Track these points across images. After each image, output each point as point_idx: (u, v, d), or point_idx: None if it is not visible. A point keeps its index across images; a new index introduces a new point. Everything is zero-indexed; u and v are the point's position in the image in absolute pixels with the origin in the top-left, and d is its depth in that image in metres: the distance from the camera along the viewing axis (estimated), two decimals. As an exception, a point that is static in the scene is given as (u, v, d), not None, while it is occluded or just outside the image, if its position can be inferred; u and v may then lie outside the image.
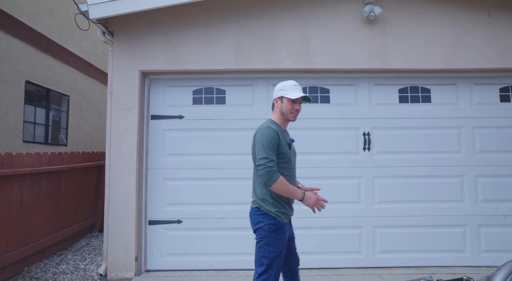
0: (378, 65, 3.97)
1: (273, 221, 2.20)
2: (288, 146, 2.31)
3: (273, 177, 2.12)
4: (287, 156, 2.28)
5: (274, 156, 2.18)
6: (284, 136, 2.32)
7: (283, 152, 2.25)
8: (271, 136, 2.19)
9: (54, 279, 3.67)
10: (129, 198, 3.82)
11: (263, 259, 2.17)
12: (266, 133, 2.20)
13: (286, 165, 2.28)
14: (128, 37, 3.99)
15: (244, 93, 4.11)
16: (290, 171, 2.31)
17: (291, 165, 2.33)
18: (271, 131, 2.21)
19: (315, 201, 2.23)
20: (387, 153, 4.07)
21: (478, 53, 3.99)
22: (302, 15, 3.99)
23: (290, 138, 2.39)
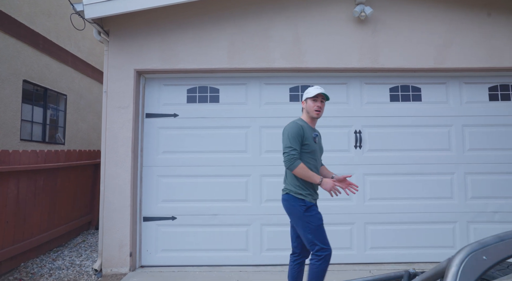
0: (369, 65, 4.04)
1: (303, 203, 2.58)
2: (313, 139, 2.68)
3: (295, 162, 2.53)
4: (311, 147, 2.65)
5: (298, 146, 2.58)
6: (310, 131, 2.69)
7: (307, 143, 2.64)
8: (296, 129, 2.60)
9: (50, 275, 3.74)
10: (124, 195, 3.88)
11: (308, 235, 2.54)
12: (292, 127, 2.63)
13: (310, 155, 2.66)
14: (123, 36, 4.06)
15: (238, 92, 4.18)
16: (313, 160, 2.68)
17: (315, 155, 2.69)
18: (297, 126, 2.63)
19: (332, 186, 2.55)
20: (378, 151, 4.14)
21: (468, 53, 4.07)
22: (295, 15, 4.06)
23: (315, 133, 2.75)
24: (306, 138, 2.64)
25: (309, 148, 2.65)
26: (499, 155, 4.13)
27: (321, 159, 2.85)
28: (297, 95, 4.18)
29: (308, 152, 2.65)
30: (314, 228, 2.53)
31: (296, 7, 4.06)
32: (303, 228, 2.56)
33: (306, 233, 2.55)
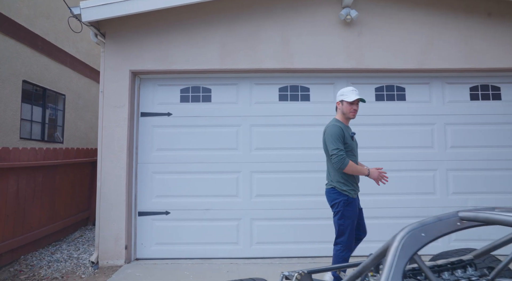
0: (355, 65, 4.21)
1: (346, 197, 2.86)
2: (350, 138, 2.97)
3: (345, 162, 2.81)
4: (350, 146, 2.95)
5: (342, 146, 2.86)
6: (347, 131, 2.98)
7: (347, 142, 2.93)
8: (338, 131, 2.87)
9: (49, 267, 3.90)
10: (120, 191, 4.05)
11: (340, 227, 2.85)
12: (334, 129, 2.89)
13: (350, 152, 2.95)
14: (119, 38, 4.23)
15: (229, 92, 4.35)
16: (353, 157, 2.97)
17: (353, 152, 3.00)
18: (337, 128, 2.90)
19: (378, 174, 2.86)
20: (364, 148, 4.29)
21: (449, 54, 4.24)
22: (284, 18, 4.23)
23: (352, 132, 3.06)
24: (346, 138, 2.94)
25: (349, 147, 2.95)
26: (479, 152, 4.30)
27: None
28: (286, 95, 4.35)
29: (348, 150, 2.95)
30: (348, 224, 2.86)
31: (284, 10, 4.24)
32: (339, 218, 2.88)
33: (340, 225, 2.87)
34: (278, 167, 4.26)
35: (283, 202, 4.23)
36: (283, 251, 4.16)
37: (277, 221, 4.22)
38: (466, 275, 1.56)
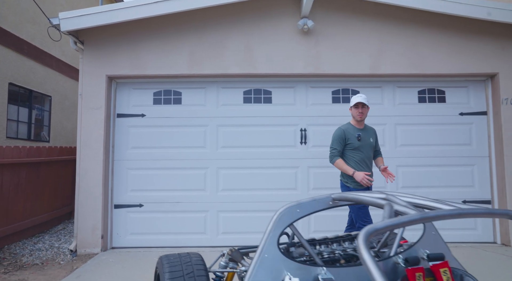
0: (312, 71, 4.63)
1: (346, 188, 3.41)
2: (356, 138, 3.38)
3: (333, 158, 3.41)
4: (353, 145, 3.38)
5: (338, 146, 3.40)
6: (353, 132, 3.42)
7: (350, 142, 3.38)
8: (338, 133, 3.43)
9: (31, 255, 4.28)
10: (97, 185, 4.43)
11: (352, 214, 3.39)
12: (336, 131, 3.47)
13: (353, 151, 3.40)
14: (96, 46, 4.60)
15: (198, 95, 4.75)
16: (359, 154, 3.40)
17: (360, 151, 3.40)
18: (339, 130, 3.45)
19: (362, 177, 3.20)
20: (321, 146, 4.73)
21: (398, 61, 4.67)
22: (248, 27, 4.63)
23: (358, 133, 3.42)
24: (348, 139, 3.39)
25: (352, 146, 3.38)
26: (425, 150, 4.75)
27: (374, 151, 3.58)
28: (250, 98, 4.76)
29: (351, 148, 3.39)
30: (356, 210, 3.29)
31: (248, 20, 4.64)
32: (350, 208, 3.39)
33: (352, 213, 3.38)
34: (243, 163, 4.67)
35: (247, 195, 4.64)
36: (246, 240, 4.56)
37: (241, 213, 4.63)
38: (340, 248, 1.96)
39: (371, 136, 3.52)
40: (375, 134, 3.63)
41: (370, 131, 3.55)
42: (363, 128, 3.50)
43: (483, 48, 4.70)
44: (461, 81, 4.88)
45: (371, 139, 3.51)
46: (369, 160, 3.49)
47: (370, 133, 3.53)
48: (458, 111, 4.84)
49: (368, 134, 3.50)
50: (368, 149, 3.46)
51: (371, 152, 3.51)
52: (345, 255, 1.94)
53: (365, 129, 3.51)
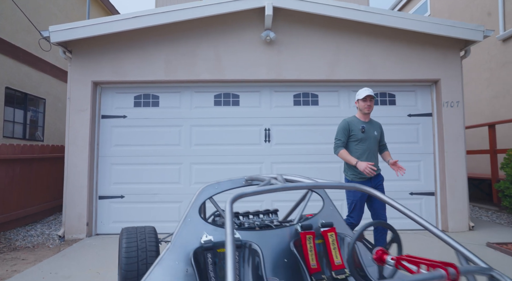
0: (275, 77, 5.21)
1: (347, 181, 3.48)
2: (360, 130, 3.44)
3: (337, 149, 3.46)
4: (357, 137, 3.43)
5: (343, 137, 3.45)
6: (358, 124, 3.47)
7: (353, 134, 3.44)
8: (342, 125, 3.51)
9: (23, 240, 4.84)
10: (82, 178, 5.00)
11: (348, 203, 3.44)
12: (340, 123, 3.54)
13: (356, 143, 3.45)
14: (83, 55, 5.17)
15: (173, 98, 5.33)
16: (361, 146, 3.44)
17: (363, 143, 3.44)
18: (343, 122, 3.52)
19: (365, 167, 3.21)
20: (283, 144, 5.31)
21: (353, 68, 5.25)
22: (217, 38, 5.21)
23: (362, 125, 3.48)
24: (352, 130, 3.43)
25: (355, 137, 3.43)
26: (376, 147, 5.31)
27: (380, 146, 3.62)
28: (220, 101, 5.34)
29: (354, 140, 3.44)
30: (351, 202, 3.40)
31: (217, 32, 5.22)
32: (347, 198, 3.45)
33: (348, 202, 3.44)
34: (214, 159, 5.24)
35: (217, 187, 5.20)
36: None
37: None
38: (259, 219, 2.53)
39: (376, 130, 3.54)
40: (381, 128, 3.64)
41: (375, 125, 3.57)
42: (368, 122, 3.53)
43: (428, 57, 5.29)
44: (410, 86, 5.46)
45: (375, 133, 3.52)
46: (373, 152, 3.50)
47: (375, 127, 3.55)
48: (407, 113, 5.42)
49: (373, 127, 3.52)
50: (372, 141, 3.47)
51: (375, 145, 3.52)
52: (260, 224, 2.52)
53: (370, 122, 3.54)
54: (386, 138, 5.43)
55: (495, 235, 4.77)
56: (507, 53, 7.38)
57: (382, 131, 3.64)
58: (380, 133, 3.61)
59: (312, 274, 2.21)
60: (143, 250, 2.48)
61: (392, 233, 1.89)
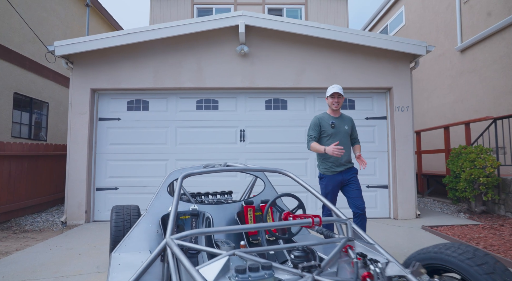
0: (249, 85, 6.02)
1: (319, 174, 3.68)
2: (330, 125, 3.58)
3: (309, 143, 3.60)
4: (328, 132, 3.57)
5: (314, 133, 3.59)
6: (327, 120, 3.62)
7: (324, 129, 3.58)
8: (313, 121, 3.66)
9: (31, 225, 5.63)
10: (82, 172, 5.80)
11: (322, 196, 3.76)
12: (312, 120, 3.69)
13: (328, 138, 3.58)
14: (83, 65, 5.99)
15: (161, 103, 6.14)
16: (332, 141, 3.54)
17: (333, 137, 3.57)
18: (314, 118, 3.67)
19: (332, 150, 3.30)
20: (256, 143, 6.12)
21: (316, 77, 6.07)
22: (199, 52, 6.03)
23: (332, 121, 3.61)
24: (323, 126, 3.57)
25: (326, 133, 3.56)
26: (336, 145, 6.12)
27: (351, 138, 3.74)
28: (202, 105, 6.15)
29: (325, 136, 3.56)
30: (324, 194, 3.58)
31: (199, 46, 6.04)
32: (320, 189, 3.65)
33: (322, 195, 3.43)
34: (195, 156, 6.05)
35: (199, 180, 6.00)
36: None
37: (194, 194, 5.99)
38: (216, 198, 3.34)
39: (346, 124, 3.66)
40: (352, 123, 3.76)
41: (346, 120, 3.70)
42: (339, 117, 3.67)
43: (382, 68, 6.11)
44: (367, 93, 6.28)
45: (346, 127, 3.64)
46: (345, 146, 3.61)
47: (345, 122, 3.67)
48: (364, 116, 6.23)
49: (343, 122, 3.65)
50: (343, 135, 3.60)
51: (346, 139, 3.64)
52: (216, 202, 3.34)
53: (340, 117, 3.68)
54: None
55: (434, 220, 5.58)
56: (464, 63, 8.21)
57: (353, 125, 3.78)
58: (351, 127, 3.74)
59: (250, 235, 3.02)
60: (128, 220, 3.28)
61: (298, 202, 2.70)
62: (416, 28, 10.42)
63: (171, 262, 1.81)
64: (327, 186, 3.57)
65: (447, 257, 1.84)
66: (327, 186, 3.56)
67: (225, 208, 3.17)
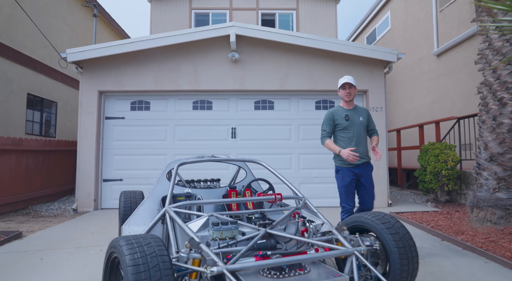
0: (239, 88, 6.74)
1: (335, 167, 3.62)
2: (343, 118, 3.50)
3: (323, 140, 3.57)
4: (342, 125, 3.51)
5: (327, 128, 3.54)
6: (341, 112, 3.55)
7: (338, 123, 3.51)
8: (326, 115, 3.59)
9: (46, 211, 6.37)
10: (90, 166, 6.53)
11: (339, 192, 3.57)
12: (325, 114, 3.63)
13: (342, 131, 3.52)
14: (91, 70, 6.70)
15: (161, 104, 6.86)
16: (347, 134, 3.51)
17: (347, 130, 3.50)
18: (328, 112, 3.60)
19: (347, 155, 3.26)
20: (246, 140, 6.84)
21: (300, 81, 6.79)
22: (195, 57, 6.75)
23: (346, 113, 3.54)
24: (337, 119, 3.50)
25: (340, 126, 3.49)
26: (319, 142, 6.86)
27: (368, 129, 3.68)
28: (197, 106, 6.87)
29: (340, 129, 3.50)
30: (340, 187, 3.52)
31: (195, 53, 6.76)
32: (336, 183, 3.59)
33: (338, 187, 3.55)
34: (192, 151, 6.78)
35: (195, 173, 6.74)
36: (193, 203, 6.67)
37: (190, 185, 6.73)
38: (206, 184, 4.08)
39: (361, 116, 3.57)
40: (367, 114, 3.67)
41: (361, 111, 3.61)
42: (353, 109, 3.58)
43: (359, 72, 6.82)
44: (346, 95, 6.99)
45: (361, 118, 3.55)
46: (361, 138, 3.53)
47: (360, 113, 3.58)
48: (343, 116, 6.95)
49: (358, 114, 3.56)
50: (358, 127, 3.51)
51: (362, 131, 3.55)
52: (206, 187, 4.07)
53: (354, 109, 3.59)
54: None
55: (402, 208, 6.32)
56: (440, 67, 8.93)
57: (369, 116, 3.69)
58: (367, 118, 3.65)
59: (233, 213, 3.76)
60: (134, 202, 4.01)
61: (268, 185, 3.44)
62: (400, 33, 11.11)
63: (168, 223, 2.55)
64: (344, 179, 3.49)
65: (364, 220, 2.58)
66: (344, 178, 3.49)
67: (213, 191, 3.90)
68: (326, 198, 6.63)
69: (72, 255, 3.69)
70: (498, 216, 4.16)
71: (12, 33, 7.87)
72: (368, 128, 3.70)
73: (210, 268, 1.80)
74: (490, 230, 4.15)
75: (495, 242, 3.74)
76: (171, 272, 1.71)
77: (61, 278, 3.03)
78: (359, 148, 3.48)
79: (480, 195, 4.39)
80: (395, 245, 2.35)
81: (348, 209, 3.45)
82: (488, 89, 4.46)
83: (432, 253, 3.65)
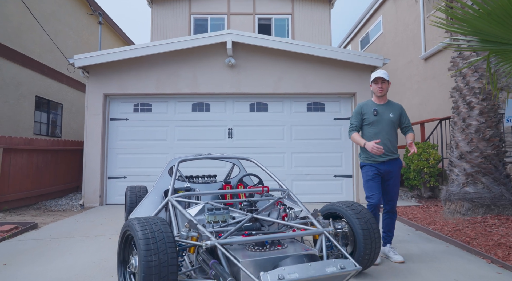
0: (236, 91, 7.20)
1: (360, 162, 3.58)
2: (372, 113, 3.45)
3: (350, 133, 3.54)
4: (369, 120, 3.45)
5: (355, 121, 3.51)
6: (371, 107, 3.50)
7: (366, 117, 3.47)
8: (356, 109, 3.58)
9: (55, 206, 6.83)
10: (96, 164, 6.99)
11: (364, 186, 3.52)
12: (355, 108, 3.72)
13: (369, 125, 3.47)
14: (97, 74, 7.16)
15: (162, 106, 7.32)
16: (374, 129, 3.44)
17: (375, 125, 3.44)
18: (358, 106, 3.57)
19: (371, 147, 3.21)
20: (242, 140, 7.30)
21: (293, 84, 7.25)
22: (194, 62, 7.21)
23: (375, 108, 3.48)
24: (365, 114, 3.46)
25: (367, 120, 3.44)
26: (311, 142, 7.32)
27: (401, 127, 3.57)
28: (196, 108, 7.34)
29: (367, 123, 3.46)
30: (365, 181, 3.47)
31: (194, 58, 7.22)
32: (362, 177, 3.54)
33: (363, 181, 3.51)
34: (191, 150, 7.23)
35: (194, 171, 7.19)
36: (192, 199, 7.13)
37: (190, 182, 7.19)
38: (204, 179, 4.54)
39: (392, 112, 3.47)
40: (400, 111, 3.55)
41: (393, 107, 3.51)
42: (384, 104, 3.50)
43: (348, 76, 7.28)
44: (335, 97, 7.46)
45: (391, 115, 3.45)
46: (388, 135, 3.43)
47: (391, 109, 3.48)
48: (333, 117, 7.41)
49: (389, 109, 3.47)
50: (387, 123, 3.42)
51: (390, 128, 3.44)
52: (204, 182, 4.54)
53: (386, 105, 3.50)
54: (319, 136, 7.51)
55: (387, 203, 6.77)
56: (427, 70, 9.40)
57: (402, 113, 3.56)
58: (399, 115, 3.53)
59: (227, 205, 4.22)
60: (139, 196, 4.47)
61: (258, 179, 3.90)
62: (392, 37, 11.58)
63: (171, 210, 3.01)
64: (367, 173, 3.44)
65: (337, 207, 3.05)
66: (367, 172, 3.44)
67: (210, 185, 4.35)
68: (317, 194, 7.09)
69: (85, 242, 4.16)
70: (466, 208, 4.63)
71: (21, 39, 8.34)
72: (402, 126, 3.59)
73: (205, 241, 2.27)
74: (459, 221, 4.61)
75: (460, 230, 4.20)
76: (173, 245, 2.18)
77: (78, 258, 3.50)
78: (385, 145, 3.39)
79: (452, 189, 4.85)
80: (360, 227, 2.82)
81: (372, 204, 3.35)
82: (459, 94, 4.92)
83: (404, 240, 4.12)
